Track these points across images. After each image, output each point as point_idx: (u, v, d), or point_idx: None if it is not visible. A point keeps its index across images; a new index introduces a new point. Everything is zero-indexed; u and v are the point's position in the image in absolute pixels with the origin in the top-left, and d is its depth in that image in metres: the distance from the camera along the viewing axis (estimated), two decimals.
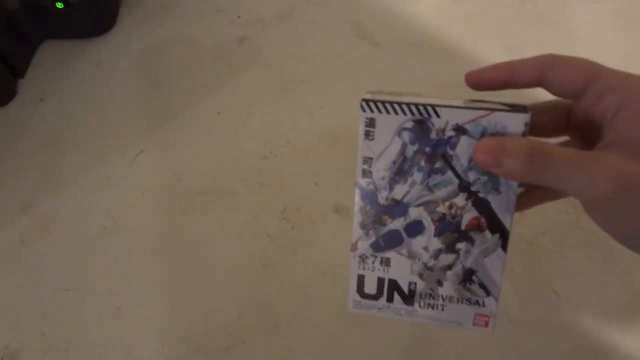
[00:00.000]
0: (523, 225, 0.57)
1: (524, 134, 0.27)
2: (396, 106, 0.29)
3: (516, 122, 0.27)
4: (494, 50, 0.72)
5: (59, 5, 0.71)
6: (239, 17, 0.79)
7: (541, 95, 0.30)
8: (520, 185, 0.30)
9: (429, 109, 0.28)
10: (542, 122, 0.30)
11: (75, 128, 0.71)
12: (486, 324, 0.31)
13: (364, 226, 0.31)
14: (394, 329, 0.54)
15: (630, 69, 0.26)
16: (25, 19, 0.73)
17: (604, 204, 0.24)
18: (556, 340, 0.52)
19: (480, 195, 0.29)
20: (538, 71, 0.28)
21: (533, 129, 0.28)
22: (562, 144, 0.32)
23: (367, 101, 0.29)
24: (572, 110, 0.29)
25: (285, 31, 0.77)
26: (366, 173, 0.30)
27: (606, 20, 0.74)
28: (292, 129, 0.67)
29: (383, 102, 0.29)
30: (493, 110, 0.27)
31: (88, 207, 0.64)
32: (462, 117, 0.28)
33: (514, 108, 0.27)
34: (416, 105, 0.28)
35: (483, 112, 0.28)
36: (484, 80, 0.30)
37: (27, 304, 0.58)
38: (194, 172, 0.65)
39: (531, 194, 0.33)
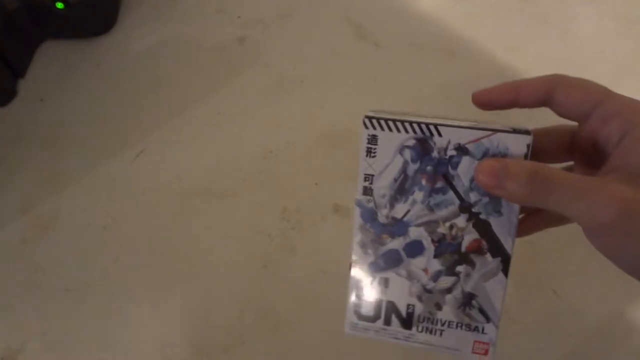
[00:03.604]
0: None
1: (526, 156, 0.27)
2: (398, 124, 0.29)
3: (518, 144, 0.27)
4: (494, 50, 0.72)
5: (59, 5, 0.71)
6: (239, 17, 0.79)
7: (549, 119, 0.30)
8: (522, 211, 0.30)
9: (431, 127, 0.28)
10: (545, 145, 0.30)
11: (75, 128, 0.71)
12: (485, 352, 0.30)
13: (363, 245, 0.31)
14: None
15: (630, 69, 0.26)
16: (25, 19, 0.73)
17: (605, 230, 0.24)
18: (556, 340, 0.52)
19: (482, 216, 0.29)
20: (545, 90, 0.28)
21: (537, 153, 0.28)
22: (566, 169, 0.32)
23: (369, 118, 0.29)
24: (576, 134, 0.29)
25: (285, 31, 0.77)
26: (367, 190, 0.30)
27: (606, 21, 0.74)
28: (292, 129, 0.67)
29: (386, 120, 0.29)
30: (495, 130, 0.27)
31: (88, 207, 0.64)
32: (464, 137, 0.28)
33: (517, 130, 0.27)
34: (418, 123, 0.28)
35: (485, 133, 0.27)
36: (491, 99, 0.29)
37: (27, 304, 0.58)
38: (194, 171, 0.65)
39: (533, 219, 0.33)
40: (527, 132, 0.27)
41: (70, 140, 0.70)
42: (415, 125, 0.29)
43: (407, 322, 0.31)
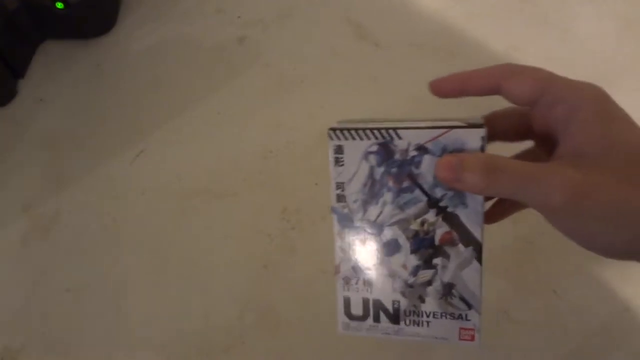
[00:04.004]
0: (523, 224, 0.57)
1: (482, 148, 0.28)
2: (361, 132, 0.30)
3: (473, 138, 0.28)
4: (494, 50, 0.72)
5: (59, 5, 0.71)
6: (239, 17, 0.79)
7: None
8: (489, 199, 0.31)
9: (391, 132, 0.30)
10: (506, 127, 0.32)
11: (75, 128, 0.71)
12: (472, 338, 0.32)
13: (344, 249, 0.33)
14: None
15: (630, 69, 0.27)
16: (25, 19, 0.73)
17: (559, 212, 0.25)
18: (556, 340, 0.52)
19: (449, 210, 0.30)
20: (494, 80, 0.29)
21: (500, 135, 0.30)
22: (527, 150, 0.33)
23: (334, 130, 0.31)
24: (530, 117, 0.30)
25: (285, 31, 0.77)
26: (340, 197, 0.32)
27: (606, 21, 0.74)
28: (292, 129, 0.67)
29: (349, 129, 0.31)
30: (451, 127, 0.29)
31: (88, 207, 0.64)
32: (422, 137, 0.29)
33: (471, 124, 0.29)
34: (379, 129, 0.30)
35: (441, 131, 0.29)
36: (442, 88, 0.31)
37: (27, 304, 0.58)
38: (194, 172, 0.65)
39: (502, 206, 0.34)
40: (480, 126, 0.28)
41: (70, 140, 0.70)
42: (375, 132, 0.30)
43: (394, 317, 0.33)
